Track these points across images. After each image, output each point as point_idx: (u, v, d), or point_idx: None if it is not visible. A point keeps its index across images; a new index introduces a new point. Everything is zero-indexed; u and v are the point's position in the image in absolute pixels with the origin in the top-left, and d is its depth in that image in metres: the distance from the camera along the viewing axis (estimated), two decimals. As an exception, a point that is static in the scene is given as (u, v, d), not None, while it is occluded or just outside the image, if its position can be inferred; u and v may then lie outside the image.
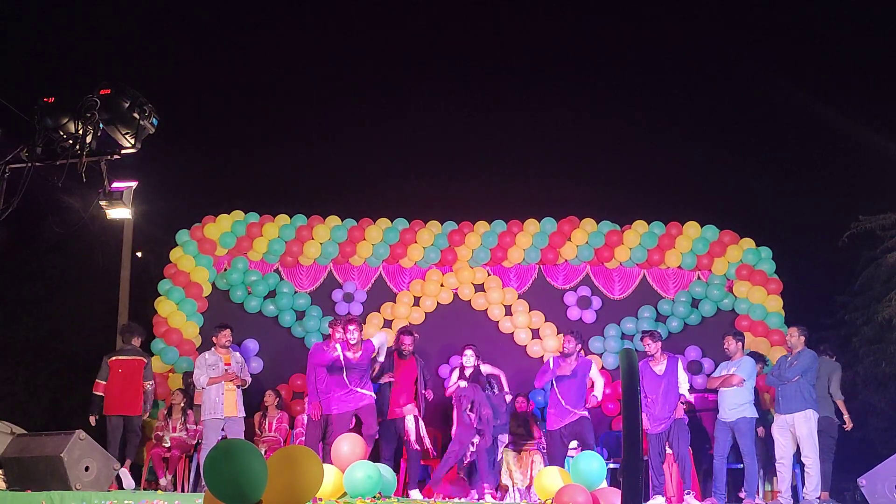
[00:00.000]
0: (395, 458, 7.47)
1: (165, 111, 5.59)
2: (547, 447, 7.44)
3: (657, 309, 8.96)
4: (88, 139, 5.33)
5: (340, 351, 7.10)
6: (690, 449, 6.98)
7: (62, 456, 5.94)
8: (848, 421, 7.35)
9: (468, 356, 7.47)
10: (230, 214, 9.28)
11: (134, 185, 5.85)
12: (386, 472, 6.01)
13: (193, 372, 7.55)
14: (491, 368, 7.67)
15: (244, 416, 7.47)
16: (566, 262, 9.17)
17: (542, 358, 8.85)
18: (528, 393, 8.27)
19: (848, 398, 7.62)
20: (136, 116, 5.36)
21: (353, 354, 7.11)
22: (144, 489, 7.47)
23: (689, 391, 7.14)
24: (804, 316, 8.66)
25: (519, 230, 9.14)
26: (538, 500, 6.18)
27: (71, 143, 5.37)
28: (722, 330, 8.02)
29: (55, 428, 7.30)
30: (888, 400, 9.63)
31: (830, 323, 11.23)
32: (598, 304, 9.05)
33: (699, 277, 9.09)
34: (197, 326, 8.86)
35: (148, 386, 7.67)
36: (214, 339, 7.50)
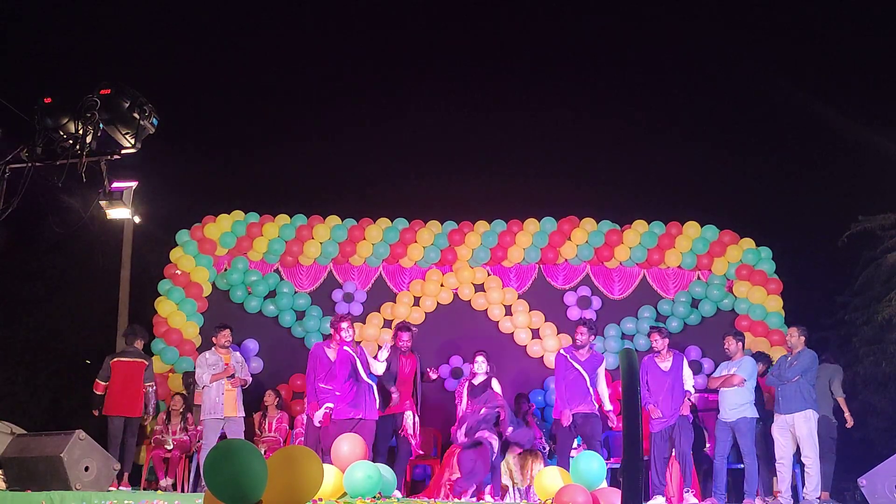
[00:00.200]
0: (388, 454, 7.35)
1: (165, 111, 5.60)
2: (556, 435, 7.23)
3: (657, 309, 8.96)
4: (88, 139, 5.34)
5: (336, 350, 7.04)
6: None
7: (62, 456, 5.93)
8: (849, 418, 7.35)
9: (479, 363, 7.10)
10: (230, 214, 9.29)
11: (134, 185, 5.86)
12: (386, 472, 6.01)
13: (195, 371, 7.57)
14: (497, 389, 7.01)
15: (244, 416, 7.48)
16: (566, 261, 9.17)
17: (541, 358, 8.86)
18: (527, 393, 8.27)
19: (848, 398, 7.62)
20: (136, 116, 5.37)
21: (352, 350, 7.01)
22: (144, 489, 7.48)
23: (693, 388, 7.12)
24: (804, 316, 8.66)
25: (519, 230, 9.13)
26: (538, 500, 6.18)
27: (71, 143, 5.38)
28: (722, 330, 8.02)
29: (55, 428, 7.30)
30: (888, 400, 9.62)
31: (830, 323, 11.21)
32: (598, 304, 9.06)
33: (699, 277, 9.09)
34: (197, 326, 8.87)
35: (149, 388, 7.70)
36: (214, 339, 7.52)
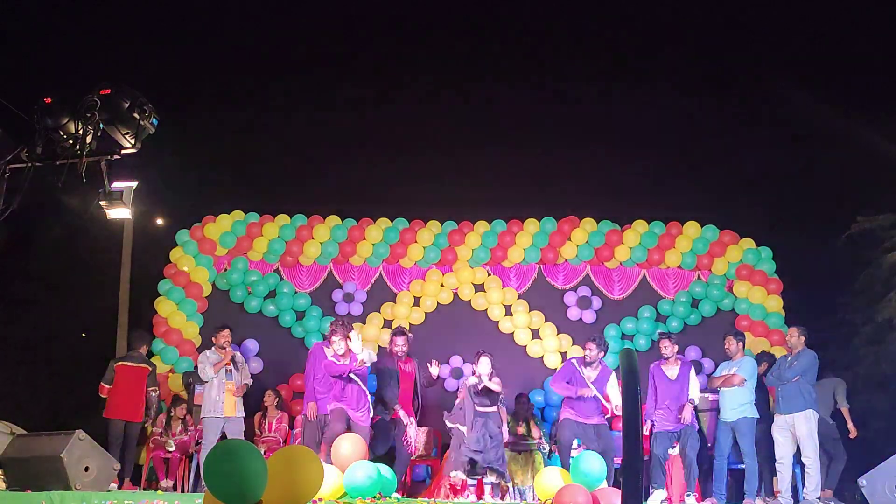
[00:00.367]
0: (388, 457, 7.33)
1: (165, 111, 5.60)
2: (557, 434, 7.15)
3: (657, 309, 8.96)
4: (88, 139, 5.34)
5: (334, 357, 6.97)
6: None
7: (62, 456, 5.92)
8: (852, 429, 7.39)
9: (484, 364, 6.92)
10: (230, 214, 9.29)
11: (134, 185, 5.86)
12: (386, 472, 6.01)
13: (196, 370, 7.59)
14: (497, 386, 6.93)
15: (244, 416, 7.48)
16: (566, 261, 9.17)
17: (541, 358, 8.86)
18: (528, 393, 8.27)
19: (848, 398, 7.63)
20: (136, 116, 5.38)
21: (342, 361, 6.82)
22: (144, 489, 7.47)
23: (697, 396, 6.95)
24: (804, 316, 8.63)
25: (519, 230, 9.14)
26: (538, 500, 6.18)
27: (71, 143, 5.38)
28: (722, 330, 8.03)
29: (55, 428, 7.28)
30: (888, 400, 9.60)
31: (830, 323, 11.20)
32: (598, 304, 9.06)
33: (699, 277, 9.09)
34: (197, 326, 8.88)
35: (152, 393, 7.74)
36: (214, 339, 7.53)
